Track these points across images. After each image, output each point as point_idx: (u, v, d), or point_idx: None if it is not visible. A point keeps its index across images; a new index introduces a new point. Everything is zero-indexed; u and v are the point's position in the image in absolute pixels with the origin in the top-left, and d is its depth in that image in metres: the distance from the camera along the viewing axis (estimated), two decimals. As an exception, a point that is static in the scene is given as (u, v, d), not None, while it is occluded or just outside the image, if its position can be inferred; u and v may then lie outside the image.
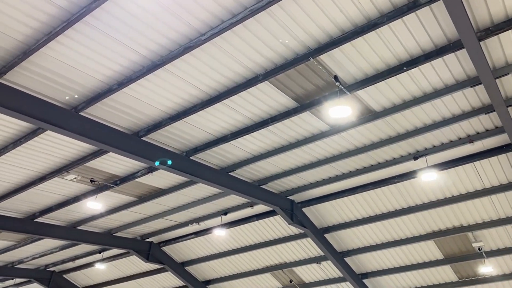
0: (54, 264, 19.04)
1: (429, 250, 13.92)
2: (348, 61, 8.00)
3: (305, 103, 9.11)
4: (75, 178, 11.86)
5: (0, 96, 7.59)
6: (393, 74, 8.12)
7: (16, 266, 18.83)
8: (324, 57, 7.88)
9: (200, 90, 8.71)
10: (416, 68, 8.13)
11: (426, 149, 10.78)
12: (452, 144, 10.43)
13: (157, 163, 9.78)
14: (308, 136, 10.35)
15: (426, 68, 8.22)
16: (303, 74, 8.33)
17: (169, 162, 10.20)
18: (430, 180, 11.54)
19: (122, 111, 9.26)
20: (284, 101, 9.09)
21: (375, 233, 14.00)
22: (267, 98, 8.98)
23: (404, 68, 7.95)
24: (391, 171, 11.86)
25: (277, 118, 9.47)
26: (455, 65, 8.18)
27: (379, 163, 11.46)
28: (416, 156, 10.85)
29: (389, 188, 12.46)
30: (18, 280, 20.77)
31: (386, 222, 13.49)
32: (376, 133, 10.20)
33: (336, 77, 8.13)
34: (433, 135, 10.25)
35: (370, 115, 9.48)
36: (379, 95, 8.93)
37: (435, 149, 10.67)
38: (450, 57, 7.98)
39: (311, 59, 7.69)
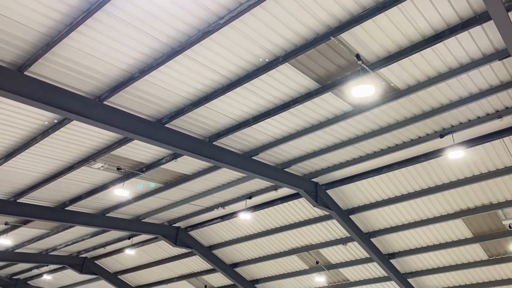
0: (86, 250, 19.63)
1: (458, 228, 13.72)
2: (370, 38, 7.83)
3: (327, 84, 9.00)
4: (102, 166, 12.11)
5: (26, 88, 7.78)
6: (417, 50, 7.91)
7: (50, 253, 19.51)
8: (345, 36, 7.73)
9: (221, 75, 8.70)
10: (440, 43, 7.89)
11: (452, 126, 10.53)
12: (479, 120, 10.16)
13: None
14: (330, 118, 10.25)
15: (451, 42, 7.97)
16: (324, 54, 8.21)
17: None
18: (457, 158, 11.29)
19: (145, 98, 9.35)
20: (305, 83, 9.00)
21: (402, 213, 13.86)
22: (288, 80, 8.90)
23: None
24: (417, 150, 11.65)
25: (299, 100, 9.39)
26: (481, 38, 7.90)
27: (404, 142, 11.27)
28: (442, 133, 10.61)
29: (415, 168, 12.27)
30: (52, 267, 21.54)
31: (413, 201, 13.32)
32: (400, 112, 10.02)
33: (358, 56, 7.98)
34: (460, 112, 9.99)
35: (394, 94, 9.29)
36: (403, 72, 8.73)
37: (462, 126, 10.41)
38: (476, 30, 7.71)
39: (332, 38, 7.56)
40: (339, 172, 12.89)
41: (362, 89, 7.98)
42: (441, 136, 10.61)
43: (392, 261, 15.48)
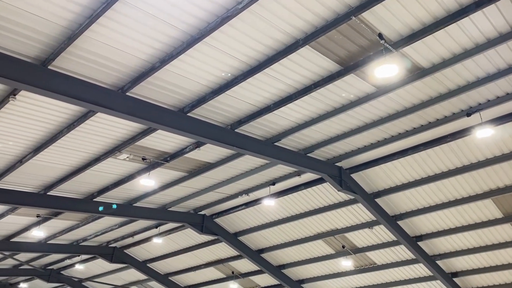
0: (115, 240, 20.09)
1: (487, 209, 13.42)
2: (392, 16, 7.63)
3: (349, 65, 8.84)
4: (127, 157, 12.30)
5: (51, 83, 7.92)
6: (441, 26, 7.67)
7: (80, 244, 20.05)
8: (366, 15, 7.55)
9: (240, 61, 8.66)
10: (466, 17, 7.63)
11: (479, 104, 10.23)
12: (508, 97, 9.83)
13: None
14: (353, 100, 10.10)
15: (477, 16, 7.69)
16: (345, 35, 8.06)
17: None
18: (485, 136, 10.96)
19: (166, 88, 9.41)
20: (326, 65, 8.87)
21: (429, 194, 13.64)
22: (308, 63, 8.79)
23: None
24: (443, 130, 11.39)
25: (320, 83, 9.27)
26: (509, 11, 7.59)
27: (430, 122, 11.03)
28: (469, 112, 10.33)
29: (441, 148, 12.01)
30: (84, 257, 22.16)
31: (440, 183, 13.07)
32: (425, 91, 9.78)
33: (380, 35, 7.80)
34: (487, 89, 9.69)
35: (418, 73, 9.07)
36: (427, 50, 8.50)
37: (489, 104, 10.11)
38: (503, 3, 7.41)
39: (353, 17, 7.40)
40: (364, 155, 12.73)
41: (385, 69, 7.81)
42: (468, 114, 10.33)
43: (419, 243, 15.30)
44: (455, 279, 16.28)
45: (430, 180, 12.96)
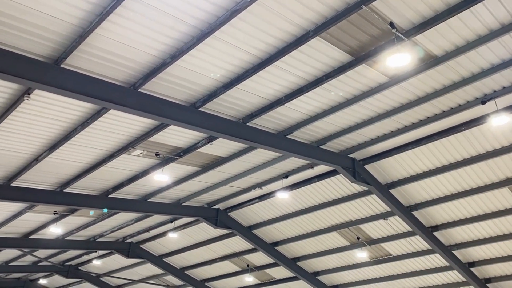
0: (131, 235, 20.32)
1: (504, 197, 13.23)
2: (404, 4, 7.52)
3: (360, 56, 8.76)
4: (141, 153, 12.40)
5: (64, 81, 8.01)
6: (454, 13, 7.54)
7: (97, 240, 20.33)
8: (377, 3, 7.46)
9: (251, 55, 8.64)
10: (480, 3, 7.49)
11: (494, 91, 10.05)
12: (524, 83, 9.66)
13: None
14: (365, 90, 10.01)
15: (490, 2, 7.54)
16: (356, 25, 7.97)
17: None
18: (501, 124, 10.75)
19: (178, 84, 9.44)
20: (337, 56, 8.80)
21: (444, 184, 13.50)
22: (319, 54, 8.73)
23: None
24: (457, 119, 11.24)
25: (332, 74, 9.20)
26: (525, -5, 7.44)
27: (444, 111, 10.89)
28: (484, 100, 10.16)
29: (456, 137, 11.86)
30: (101, 252, 22.46)
31: (455, 172, 12.93)
32: (438, 80, 9.65)
33: (391, 24, 7.70)
34: (502, 76, 9.52)
35: (431, 61, 8.94)
36: (440, 38, 8.37)
37: (505, 91, 9.93)
38: (518, -13, 7.27)
39: (364, 7, 7.32)
40: (377, 146, 12.64)
41: (398, 59, 7.72)
42: (483, 102, 10.16)
43: (435, 233, 15.18)
44: (472, 269, 16.13)
45: (445, 169, 12.83)
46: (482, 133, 11.52)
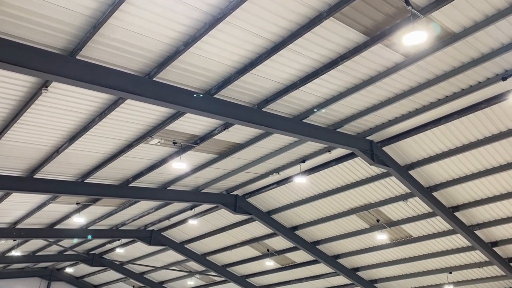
0: (152, 223, 20.65)
1: (527, 176, 12.97)
2: (419, -19, 7.34)
3: (376, 35, 8.60)
4: (158, 142, 12.51)
5: (80, 72, 8.10)
6: (472, -13, 7.33)
7: (119, 228, 20.73)
8: (391, -19, 7.30)
9: (264, 39, 8.57)
10: (498, -25, 7.25)
11: (516, 66, 9.79)
12: (547, 57, 9.36)
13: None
14: (382, 71, 9.85)
15: (510, -26, 7.30)
16: (370, 4, 7.81)
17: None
18: (523, 100, 10.54)
19: (192, 71, 9.44)
20: (352, 36, 8.65)
21: (464, 164, 13.28)
22: (333, 35, 8.60)
23: None
24: (477, 97, 10.99)
25: (347, 56, 9.07)
26: (546, -35, 7.16)
27: (463, 89, 10.65)
28: (504, 76, 9.90)
29: (476, 115, 11.62)
30: (123, 241, 22.92)
31: (476, 151, 12.70)
32: (457, 57, 9.43)
33: (407, 1, 7.52)
34: (524, 50, 9.24)
35: (449, 38, 8.73)
36: (457, 13, 8.15)
37: (527, 66, 9.66)
38: (539, -44, 7.00)
39: (377, -15, 7.16)
40: (395, 127, 12.47)
41: (414, 37, 7.55)
42: (504, 78, 9.91)
43: (456, 214, 15.01)
44: (495, 249, 15.95)
45: (466, 148, 12.61)
46: (503, 110, 11.26)
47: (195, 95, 9.51)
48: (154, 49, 8.60)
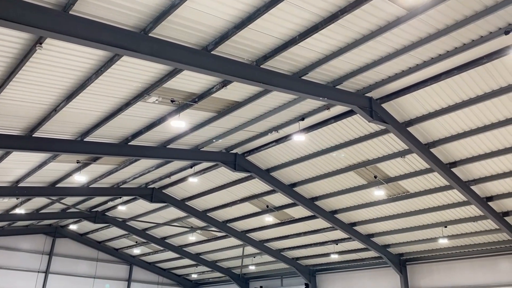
0: (153, 181, 20.90)
1: (525, 132, 13.01)
2: None
3: (376, -12, 8.36)
4: (156, 100, 12.43)
5: (73, 28, 7.91)
6: None
7: (121, 186, 21.00)
8: None
9: (262, -8, 8.33)
10: None
11: (520, 20, 9.58)
12: (552, 10, 9.14)
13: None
14: (382, 25, 9.64)
15: None
16: (371, -46, 7.54)
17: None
18: (525, 55, 10.39)
19: (188, 26, 9.24)
20: (352, -11, 8.41)
21: (463, 120, 13.28)
22: (333, -12, 8.36)
23: None
24: (478, 52, 10.82)
25: (347, 9, 8.86)
26: None
27: (464, 44, 10.47)
28: (507, 30, 9.70)
29: (476, 70, 11.49)
30: (125, 198, 23.28)
31: (475, 107, 12.66)
32: (459, 10, 9.20)
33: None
34: (529, 2, 9.00)
35: (451, -10, 8.49)
36: (462, -36, 7.88)
37: (531, 19, 9.45)
38: None
39: None
40: (394, 84, 12.37)
41: (416, -12, 7.34)
42: (506, 32, 9.72)
43: (453, 169, 15.17)
44: (490, 203, 16.25)
45: (465, 104, 12.57)
46: (505, 64, 11.13)
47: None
48: (148, 2, 8.38)
